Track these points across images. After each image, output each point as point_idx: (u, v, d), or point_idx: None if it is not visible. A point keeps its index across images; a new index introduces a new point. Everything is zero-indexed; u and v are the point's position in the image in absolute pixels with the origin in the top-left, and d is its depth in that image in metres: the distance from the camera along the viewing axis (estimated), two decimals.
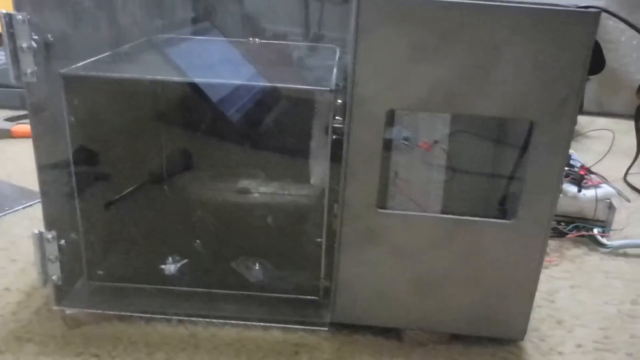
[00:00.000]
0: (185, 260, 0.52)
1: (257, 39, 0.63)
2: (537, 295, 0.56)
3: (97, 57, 0.48)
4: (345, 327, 0.48)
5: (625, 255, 0.64)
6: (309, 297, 0.49)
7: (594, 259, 0.63)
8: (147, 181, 0.59)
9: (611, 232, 0.66)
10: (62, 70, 0.43)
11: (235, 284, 0.50)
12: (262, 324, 0.48)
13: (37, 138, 0.43)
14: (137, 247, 0.53)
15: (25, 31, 0.40)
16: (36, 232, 0.45)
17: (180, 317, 0.48)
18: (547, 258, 0.62)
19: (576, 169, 0.70)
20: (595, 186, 0.67)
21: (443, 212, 0.53)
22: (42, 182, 0.44)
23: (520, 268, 0.45)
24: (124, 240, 0.53)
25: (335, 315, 0.48)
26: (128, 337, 0.46)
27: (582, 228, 0.66)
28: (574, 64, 0.40)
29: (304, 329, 0.48)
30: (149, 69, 0.48)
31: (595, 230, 0.66)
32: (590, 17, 0.39)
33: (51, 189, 0.45)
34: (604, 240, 0.65)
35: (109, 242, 0.52)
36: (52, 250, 0.46)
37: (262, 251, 0.53)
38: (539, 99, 0.41)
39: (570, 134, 0.42)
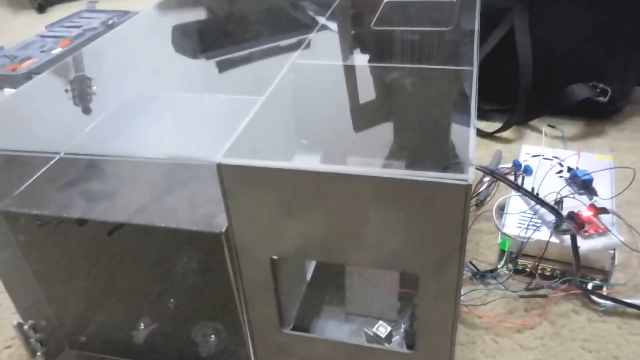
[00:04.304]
0: (155, 325, 0.59)
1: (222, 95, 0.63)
2: None
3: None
4: None
5: (622, 315, 0.59)
6: None
7: (579, 321, 0.59)
8: None
9: (612, 288, 0.60)
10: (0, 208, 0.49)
11: (190, 356, 0.56)
12: None
13: None
14: (112, 315, 0.61)
15: None
16: (15, 323, 0.54)
17: None
18: (521, 322, 0.59)
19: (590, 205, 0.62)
20: (600, 234, 0.60)
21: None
22: (9, 289, 0.52)
23: None
24: (100, 310, 0.61)
25: None
26: None
27: (574, 282, 0.60)
28: (448, 230, 0.36)
29: None
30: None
31: (591, 285, 0.60)
32: (458, 190, 0.34)
33: (19, 292, 0.53)
34: (596, 298, 0.59)
35: (88, 315, 0.59)
36: (32, 334, 0.55)
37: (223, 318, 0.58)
38: (416, 257, 0.38)
39: (457, 287, 0.39)
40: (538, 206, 0.65)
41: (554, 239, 0.61)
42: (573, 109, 0.89)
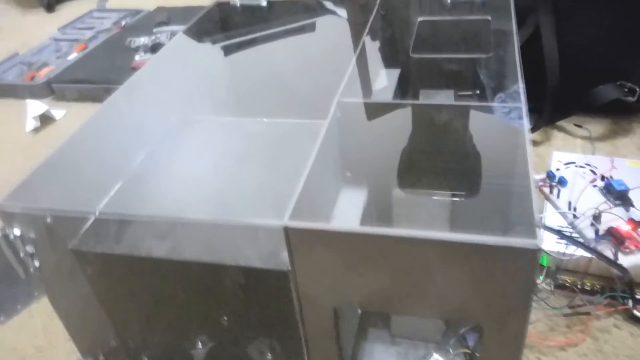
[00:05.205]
0: (212, 344, 0.60)
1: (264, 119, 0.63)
2: None
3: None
4: None
5: None
6: None
7: (622, 336, 0.60)
8: None
9: None
10: (71, 247, 0.49)
11: None
12: None
13: (52, 293, 0.52)
14: (169, 334, 0.62)
15: (19, 245, 0.47)
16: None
17: None
18: (564, 339, 0.60)
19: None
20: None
21: None
22: (67, 326, 0.54)
23: None
24: (161, 338, 0.62)
25: None
26: None
27: (615, 298, 0.61)
28: (515, 287, 0.37)
29: None
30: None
31: (631, 301, 0.61)
32: (528, 255, 0.35)
33: (79, 330, 0.55)
34: (637, 313, 0.61)
35: (147, 346, 0.61)
36: None
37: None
38: (480, 310, 0.39)
39: (521, 337, 0.40)
40: (577, 221, 0.66)
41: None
42: (598, 106, 0.88)
